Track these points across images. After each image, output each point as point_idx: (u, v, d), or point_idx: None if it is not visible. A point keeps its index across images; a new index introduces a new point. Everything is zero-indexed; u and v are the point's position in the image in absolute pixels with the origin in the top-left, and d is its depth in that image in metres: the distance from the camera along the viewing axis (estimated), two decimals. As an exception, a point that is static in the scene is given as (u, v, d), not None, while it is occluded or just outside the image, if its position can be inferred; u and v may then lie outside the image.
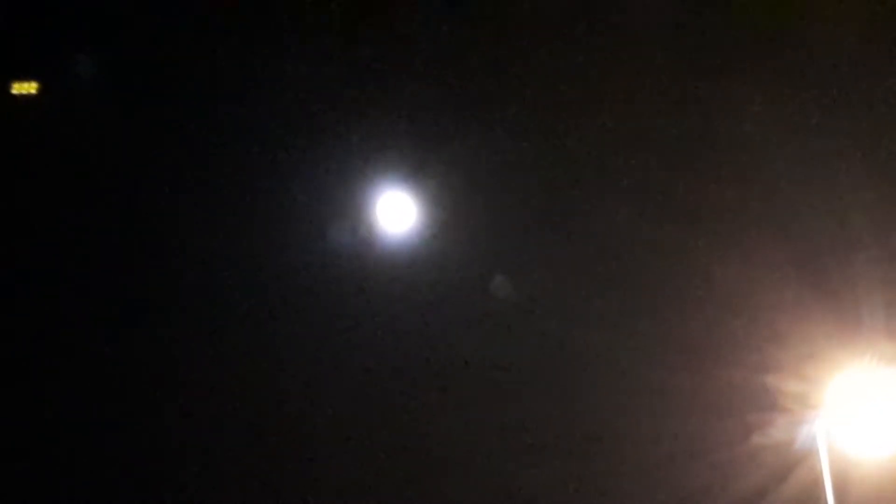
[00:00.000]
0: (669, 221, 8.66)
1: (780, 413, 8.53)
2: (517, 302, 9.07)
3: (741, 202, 8.57)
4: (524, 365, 9.01)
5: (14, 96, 8.70)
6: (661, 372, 8.78)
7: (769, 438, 8.57)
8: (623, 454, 8.87)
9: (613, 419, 8.91)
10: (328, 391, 9.11)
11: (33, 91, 8.74)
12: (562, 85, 8.73)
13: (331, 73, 8.46)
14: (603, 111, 8.77)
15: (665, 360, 8.78)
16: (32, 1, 8.49)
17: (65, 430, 8.98)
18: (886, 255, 8.39)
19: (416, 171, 8.86)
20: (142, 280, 8.91)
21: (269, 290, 9.01)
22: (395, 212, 8.97)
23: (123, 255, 8.84)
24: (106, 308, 8.91)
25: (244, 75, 8.36)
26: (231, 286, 8.96)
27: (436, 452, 9.06)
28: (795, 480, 8.51)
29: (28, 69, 8.74)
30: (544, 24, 8.57)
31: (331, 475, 9.00)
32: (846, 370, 8.33)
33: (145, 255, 8.87)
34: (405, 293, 9.05)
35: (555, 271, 9.02)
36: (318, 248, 8.94)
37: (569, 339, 8.88)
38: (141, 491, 8.99)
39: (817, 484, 8.32)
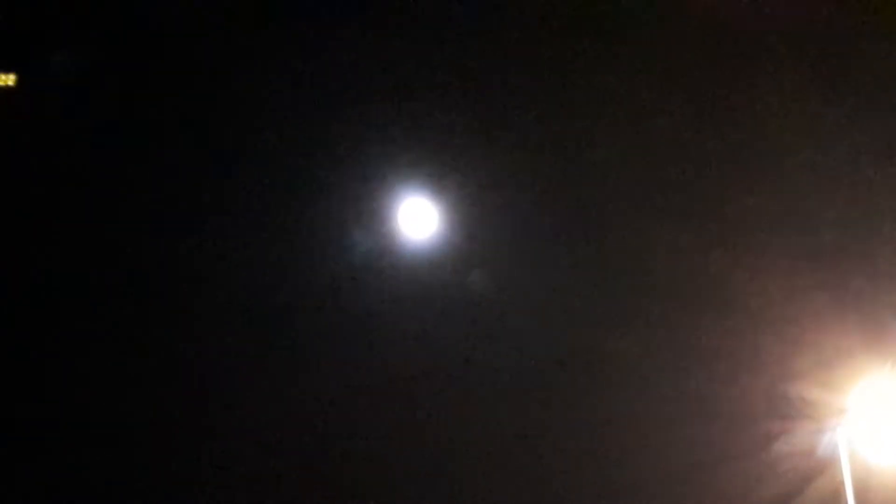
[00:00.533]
0: (691, 230, 8.67)
1: (802, 421, 8.52)
2: (538, 308, 9.10)
3: (764, 210, 8.57)
4: (545, 371, 9.04)
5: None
6: (683, 380, 8.80)
7: (791, 446, 8.56)
8: (645, 462, 8.88)
9: (635, 427, 8.92)
10: (350, 394, 9.15)
11: (11, 83, 8.55)
12: (581, 92, 8.76)
13: (353, 80, 8.51)
14: (624, 120, 8.79)
15: (687, 368, 8.79)
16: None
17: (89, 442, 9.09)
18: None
19: (438, 178, 8.89)
20: (162, 286, 8.97)
21: (291, 295, 9.07)
22: (417, 218, 9.01)
23: (144, 259, 8.89)
24: (121, 312, 8.98)
25: (266, 80, 8.39)
26: (252, 291, 9.02)
27: (461, 456, 9.10)
28: (817, 488, 8.50)
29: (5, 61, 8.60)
30: (563, 34, 8.60)
31: (351, 475, 9.07)
32: (868, 378, 8.31)
33: (165, 261, 8.92)
34: (425, 297, 9.09)
35: (577, 278, 9.04)
36: (339, 253, 9.00)
37: (591, 346, 8.89)
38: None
39: (839, 491, 8.31)
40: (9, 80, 8.48)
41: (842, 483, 8.30)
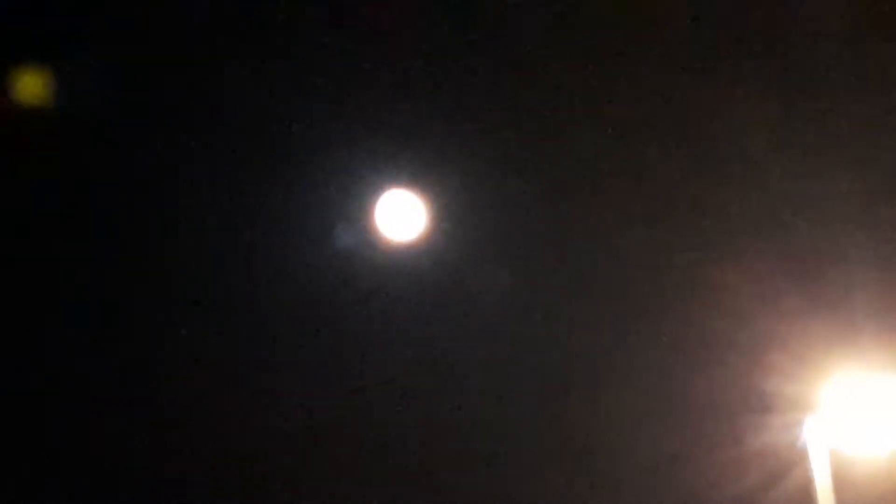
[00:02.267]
0: (664, 225, 8.76)
1: (775, 415, 8.55)
2: (519, 306, 9.20)
3: (736, 206, 8.66)
4: (523, 368, 9.14)
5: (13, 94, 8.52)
6: (655, 375, 8.89)
7: (764, 440, 8.59)
8: (619, 457, 8.95)
9: (610, 422, 9.00)
10: (331, 394, 9.29)
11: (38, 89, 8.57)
12: (567, 91, 8.85)
13: (335, 75, 8.65)
14: (606, 117, 8.88)
15: (660, 362, 8.87)
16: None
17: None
18: (880, 258, 8.41)
19: (421, 174, 9.02)
20: (140, 283, 9.12)
21: (273, 293, 9.22)
22: (400, 215, 9.13)
23: (120, 255, 9.06)
24: (99, 309, 9.14)
25: (248, 76, 8.53)
26: (234, 289, 9.18)
27: (439, 456, 9.21)
28: (790, 482, 8.52)
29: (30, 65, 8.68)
30: (550, 30, 8.71)
31: (329, 480, 9.16)
32: (841, 372, 8.32)
33: (144, 258, 9.08)
34: (409, 296, 9.21)
35: (557, 276, 9.15)
36: (321, 251, 9.14)
37: (566, 342, 9.00)
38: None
39: (812, 485, 8.31)
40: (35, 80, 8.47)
41: (815, 476, 8.31)
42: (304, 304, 9.24)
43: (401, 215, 9.06)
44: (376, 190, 8.99)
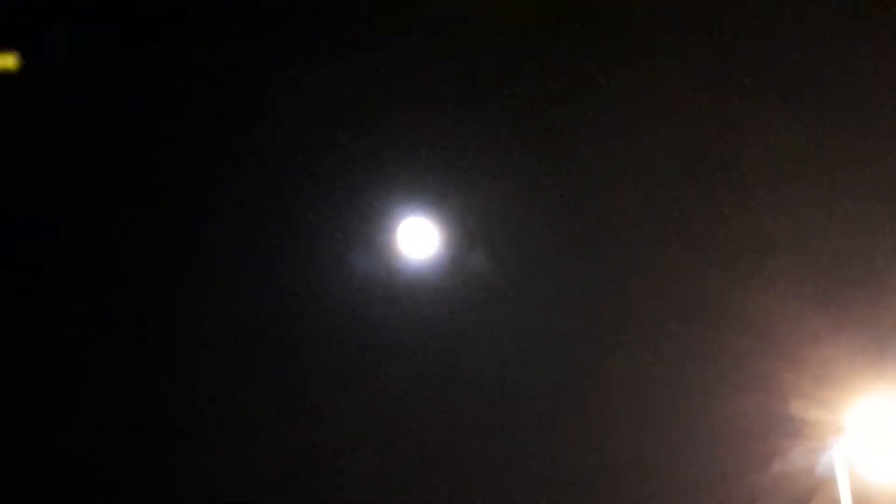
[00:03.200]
0: (690, 248, 8.69)
1: (800, 439, 8.51)
2: (539, 328, 9.15)
3: (761, 227, 8.57)
4: (545, 390, 9.09)
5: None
6: (680, 399, 8.82)
7: (789, 465, 8.56)
8: (643, 481, 8.90)
9: (633, 446, 8.96)
10: (352, 414, 9.26)
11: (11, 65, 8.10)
12: (585, 111, 8.77)
13: (355, 97, 8.59)
14: (628, 140, 8.80)
15: (685, 387, 8.81)
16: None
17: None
18: (907, 280, 8.35)
19: (440, 196, 8.97)
20: (159, 305, 9.09)
21: (290, 316, 9.18)
22: (418, 238, 9.09)
23: (139, 277, 9.00)
24: (112, 326, 9.11)
25: (266, 95, 8.46)
26: (252, 312, 9.13)
27: (457, 481, 9.18)
28: (816, 506, 8.50)
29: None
30: (566, 52, 8.64)
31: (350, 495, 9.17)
32: (866, 396, 8.30)
33: (163, 282, 9.04)
34: (426, 318, 9.17)
35: (578, 298, 9.09)
36: (339, 273, 9.09)
37: (590, 365, 8.95)
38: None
39: (838, 510, 8.30)
40: (8, 61, 7.99)
41: (840, 501, 8.28)
42: (325, 325, 9.20)
43: (421, 238, 9.02)
44: (398, 213, 8.94)
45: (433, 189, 8.98)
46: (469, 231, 9.05)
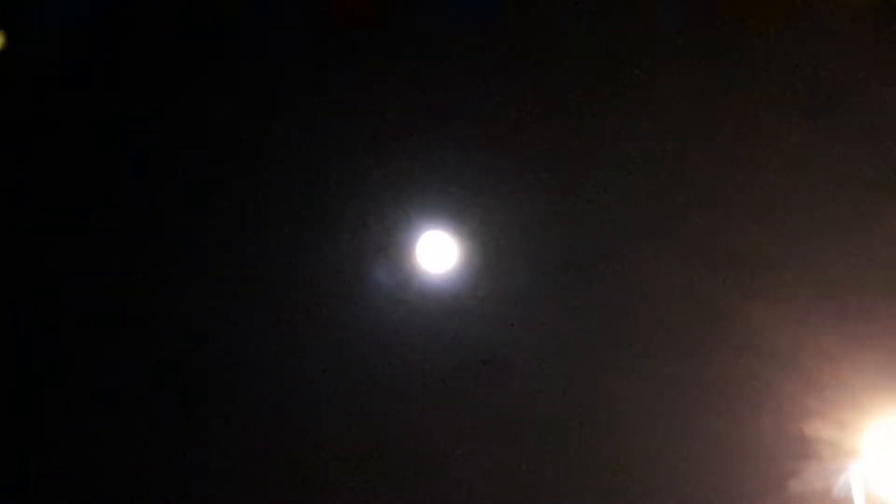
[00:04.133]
0: (704, 267, 8.71)
1: (817, 460, 8.40)
2: (554, 345, 9.16)
3: (776, 246, 8.60)
4: (558, 407, 9.05)
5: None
6: (695, 420, 8.75)
7: (805, 486, 8.42)
8: (656, 501, 8.79)
9: (648, 467, 8.86)
10: (365, 430, 9.25)
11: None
12: (604, 129, 8.90)
13: (378, 113, 8.78)
14: (644, 157, 8.91)
15: (699, 408, 8.74)
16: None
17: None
18: (925, 300, 8.31)
19: (458, 211, 9.08)
20: (179, 326, 9.18)
21: (310, 328, 9.25)
22: (437, 252, 9.19)
23: (158, 293, 9.12)
24: (116, 331, 9.20)
25: (289, 109, 8.68)
26: (270, 324, 9.21)
27: (468, 493, 9.10)
28: (831, 529, 8.34)
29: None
30: (583, 71, 8.83)
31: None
32: (883, 416, 8.20)
33: (181, 296, 9.14)
34: (445, 332, 9.21)
35: (591, 315, 9.11)
36: (359, 287, 9.18)
37: (602, 384, 8.91)
38: None
39: (854, 532, 8.15)
40: None
41: (857, 524, 8.15)
42: (344, 338, 9.26)
43: (441, 252, 9.12)
44: (417, 227, 9.06)
45: (453, 203, 9.12)
46: (489, 245, 9.15)
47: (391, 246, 9.14)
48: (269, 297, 9.32)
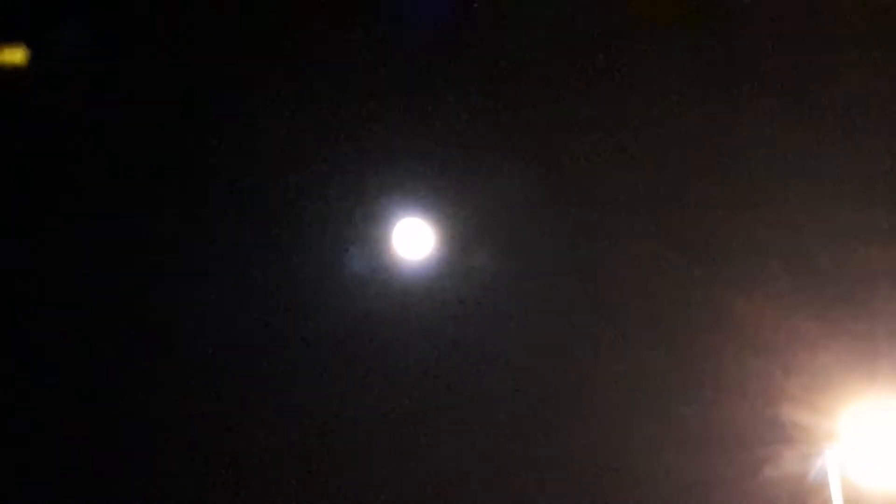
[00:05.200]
0: (681, 251, 8.69)
1: (792, 445, 8.40)
2: (532, 331, 9.14)
3: (752, 231, 8.56)
4: (534, 392, 9.04)
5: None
6: (672, 404, 8.75)
7: (781, 470, 8.43)
8: (632, 487, 8.79)
9: (624, 451, 8.86)
10: (343, 418, 9.24)
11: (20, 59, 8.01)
12: (582, 113, 8.84)
13: (351, 98, 8.72)
14: (626, 144, 8.86)
15: (676, 392, 8.74)
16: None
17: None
18: (900, 284, 8.29)
19: (436, 197, 9.04)
20: (153, 307, 9.15)
21: (285, 316, 9.22)
22: (414, 238, 9.15)
23: (129, 267, 9.08)
24: (95, 318, 9.18)
25: (262, 95, 8.61)
26: (245, 313, 9.18)
27: (446, 481, 9.10)
28: (808, 514, 8.35)
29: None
30: (561, 53, 8.75)
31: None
32: (859, 401, 8.20)
33: (156, 282, 9.10)
34: (422, 318, 9.18)
35: (567, 301, 9.09)
36: (334, 274, 9.15)
37: (578, 370, 8.91)
38: None
39: (830, 517, 8.16)
40: (16, 55, 7.88)
41: (832, 509, 8.15)
42: (319, 325, 9.23)
43: (417, 239, 9.08)
44: (393, 214, 9.01)
45: (429, 189, 9.07)
46: (465, 231, 9.11)
47: (367, 234, 9.10)
48: (244, 286, 9.28)
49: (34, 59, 8.35)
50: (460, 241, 9.10)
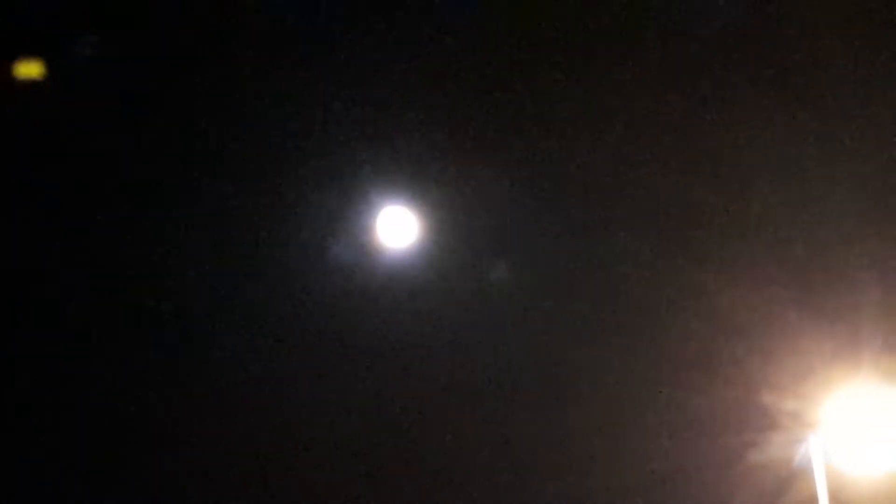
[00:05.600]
0: (664, 239, 8.68)
1: (776, 431, 8.48)
2: (517, 320, 9.15)
3: (736, 218, 8.55)
4: (519, 380, 9.08)
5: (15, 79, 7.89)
6: (655, 390, 8.80)
7: (765, 457, 8.52)
8: (617, 472, 8.88)
9: (608, 437, 8.94)
10: (329, 406, 9.26)
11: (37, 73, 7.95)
12: (566, 102, 8.75)
13: (335, 87, 8.59)
14: (608, 133, 8.77)
15: (659, 378, 8.80)
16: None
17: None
18: (884, 272, 8.31)
19: (419, 186, 8.96)
20: (134, 291, 9.09)
21: (269, 305, 9.18)
22: (397, 227, 9.07)
23: (118, 255, 8.97)
24: (89, 315, 9.11)
25: (241, 85, 8.45)
26: (229, 302, 9.13)
27: (432, 466, 9.17)
28: (791, 499, 8.45)
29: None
30: (547, 40, 8.63)
31: (329, 493, 9.16)
32: (842, 388, 8.26)
33: (139, 265, 9.03)
34: (405, 308, 9.16)
35: (555, 288, 9.08)
36: (318, 263, 9.09)
37: (564, 355, 8.93)
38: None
39: (813, 502, 8.25)
40: (33, 68, 7.83)
41: (816, 493, 8.24)
42: (302, 315, 9.20)
43: (400, 228, 9.01)
44: (376, 202, 8.93)
45: (412, 178, 8.98)
46: (449, 220, 9.05)
47: (350, 222, 9.02)
48: (229, 274, 9.22)
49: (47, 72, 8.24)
50: (443, 229, 9.05)
